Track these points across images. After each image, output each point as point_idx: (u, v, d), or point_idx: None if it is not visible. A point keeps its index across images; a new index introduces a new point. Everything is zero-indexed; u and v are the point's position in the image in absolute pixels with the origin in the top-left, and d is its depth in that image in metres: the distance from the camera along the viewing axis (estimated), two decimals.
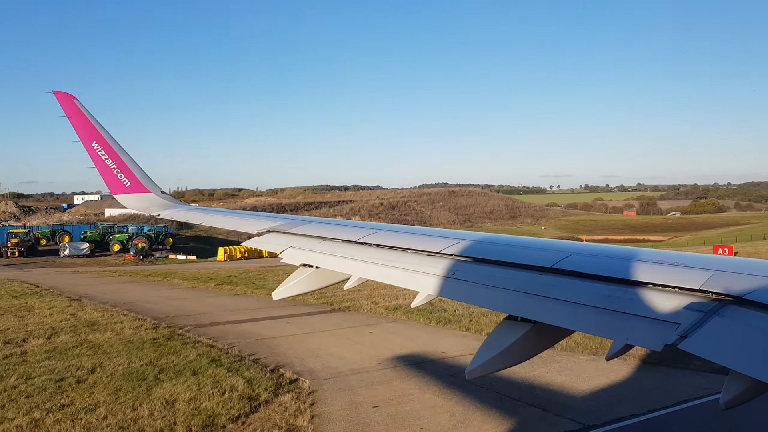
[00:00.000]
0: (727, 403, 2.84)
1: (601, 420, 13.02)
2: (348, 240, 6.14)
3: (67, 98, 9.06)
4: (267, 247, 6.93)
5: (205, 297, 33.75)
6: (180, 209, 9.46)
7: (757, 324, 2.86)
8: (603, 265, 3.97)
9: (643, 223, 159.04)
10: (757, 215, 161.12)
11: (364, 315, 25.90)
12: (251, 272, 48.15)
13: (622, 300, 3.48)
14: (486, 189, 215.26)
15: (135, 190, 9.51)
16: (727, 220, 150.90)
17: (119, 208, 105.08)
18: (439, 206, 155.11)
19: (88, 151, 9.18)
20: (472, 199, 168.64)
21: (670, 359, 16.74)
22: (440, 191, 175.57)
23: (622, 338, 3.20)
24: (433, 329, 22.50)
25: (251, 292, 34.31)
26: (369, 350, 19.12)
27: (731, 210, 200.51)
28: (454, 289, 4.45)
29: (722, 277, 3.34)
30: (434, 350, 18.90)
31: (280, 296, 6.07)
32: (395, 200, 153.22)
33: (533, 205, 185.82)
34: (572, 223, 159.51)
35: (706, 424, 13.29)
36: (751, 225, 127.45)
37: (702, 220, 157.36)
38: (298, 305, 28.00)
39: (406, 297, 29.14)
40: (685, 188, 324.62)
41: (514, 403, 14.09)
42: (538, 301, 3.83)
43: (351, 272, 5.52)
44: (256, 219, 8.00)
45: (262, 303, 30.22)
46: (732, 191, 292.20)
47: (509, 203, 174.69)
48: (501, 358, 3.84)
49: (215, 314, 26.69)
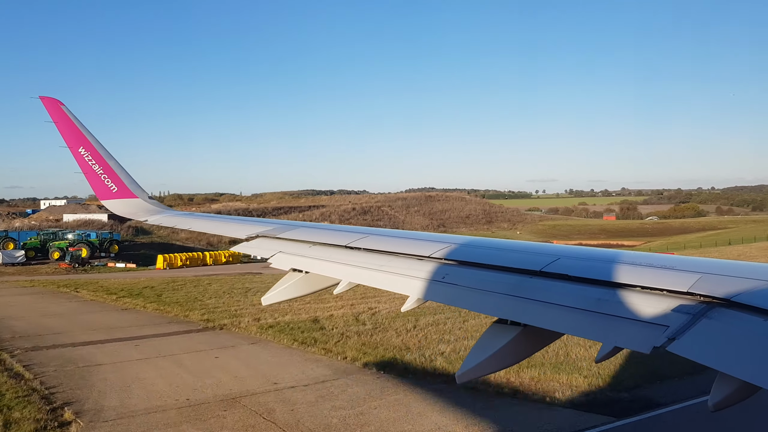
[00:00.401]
0: (715, 405, 2.85)
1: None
2: (337, 244, 6.13)
3: (54, 104, 9.00)
4: (256, 252, 6.91)
5: (89, 312, 31.20)
6: (167, 214, 9.41)
7: (745, 326, 2.88)
8: (592, 268, 3.98)
9: (620, 228, 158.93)
10: (734, 220, 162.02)
11: (231, 335, 24.26)
12: (175, 282, 45.00)
13: (610, 303, 3.49)
14: (464, 193, 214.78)
15: (122, 195, 9.46)
16: (704, 224, 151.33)
17: (80, 213, 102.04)
18: (413, 211, 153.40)
19: (75, 156, 9.12)
20: (448, 203, 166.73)
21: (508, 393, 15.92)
22: (417, 196, 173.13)
23: (611, 341, 3.21)
24: (290, 353, 20.97)
25: (143, 307, 31.85)
26: (191, 382, 17.29)
27: (711, 214, 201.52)
28: (444, 293, 4.45)
29: (710, 280, 3.36)
30: (265, 381, 17.29)
31: (269, 301, 6.05)
32: (369, 205, 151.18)
33: (510, 209, 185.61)
34: (548, 227, 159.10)
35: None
36: (728, 230, 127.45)
37: (679, 224, 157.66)
38: (172, 323, 26.93)
39: (328, 309, 28.64)
40: (668, 193, 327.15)
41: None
42: (527, 305, 3.84)
43: (340, 277, 5.51)
44: (246, 224, 7.97)
45: (142, 320, 28.19)
46: (714, 196, 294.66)
47: (486, 208, 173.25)
48: (491, 362, 3.84)
49: (73, 334, 24.64)
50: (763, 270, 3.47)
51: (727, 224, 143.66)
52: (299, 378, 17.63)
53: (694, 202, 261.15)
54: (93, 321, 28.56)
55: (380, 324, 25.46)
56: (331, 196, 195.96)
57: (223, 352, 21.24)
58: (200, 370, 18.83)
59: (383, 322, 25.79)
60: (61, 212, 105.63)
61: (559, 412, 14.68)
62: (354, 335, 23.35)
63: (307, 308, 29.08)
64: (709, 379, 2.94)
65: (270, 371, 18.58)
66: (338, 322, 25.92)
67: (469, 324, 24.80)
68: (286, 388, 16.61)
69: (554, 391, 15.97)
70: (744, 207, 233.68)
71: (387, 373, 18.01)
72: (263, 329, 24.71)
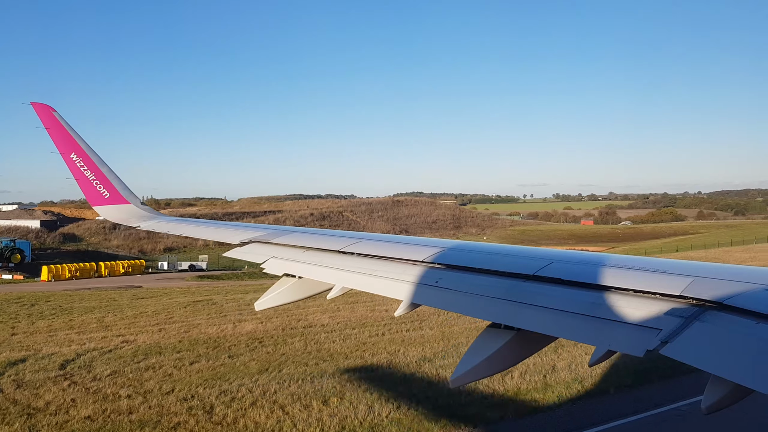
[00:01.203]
0: (708, 408, 2.85)
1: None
2: (331, 249, 6.11)
3: (46, 109, 8.96)
4: (249, 257, 6.88)
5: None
6: (160, 220, 9.37)
7: (737, 329, 2.88)
8: (585, 272, 3.98)
9: (591, 233, 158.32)
10: (705, 225, 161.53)
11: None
12: (21, 298, 41.42)
13: (603, 306, 3.49)
14: (451, 197, 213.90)
15: (114, 201, 9.41)
16: (675, 229, 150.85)
17: (3, 219, 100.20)
18: (376, 216, 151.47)
19: (66, 162, 9.07)
20: (416, 208, 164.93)
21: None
22: (383, 201, 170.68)
23: (605, 344, 3.21)
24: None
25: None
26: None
27: (690, 219, 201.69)
28: (437, 297, 4.44)
29: (703, 283, 3.37)
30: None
31: (262, 306, 6.02)
32: (329, 210, 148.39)
33: (482, 214, 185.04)
34: (517, 233, 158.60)
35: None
36: (698, 234, 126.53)
37: (650, 229, 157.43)
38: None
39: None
40: (654, 197, 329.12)
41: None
42: (521, 309, 3.83)
43: (334, 282, 5.49)
44: (238, 229, 7.94)
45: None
46: (699, 200, 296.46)
47: (457, 213, 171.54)
48: (485, 366, 3.83)
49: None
50: (755, 273, 3.48)
51: (699, 229, 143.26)
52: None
53: (679, 206, 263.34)
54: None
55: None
56: (294, 201, 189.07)
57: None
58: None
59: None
60: (6, 218, 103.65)
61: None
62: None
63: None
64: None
65: None
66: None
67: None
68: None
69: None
70: (727, 211, 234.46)
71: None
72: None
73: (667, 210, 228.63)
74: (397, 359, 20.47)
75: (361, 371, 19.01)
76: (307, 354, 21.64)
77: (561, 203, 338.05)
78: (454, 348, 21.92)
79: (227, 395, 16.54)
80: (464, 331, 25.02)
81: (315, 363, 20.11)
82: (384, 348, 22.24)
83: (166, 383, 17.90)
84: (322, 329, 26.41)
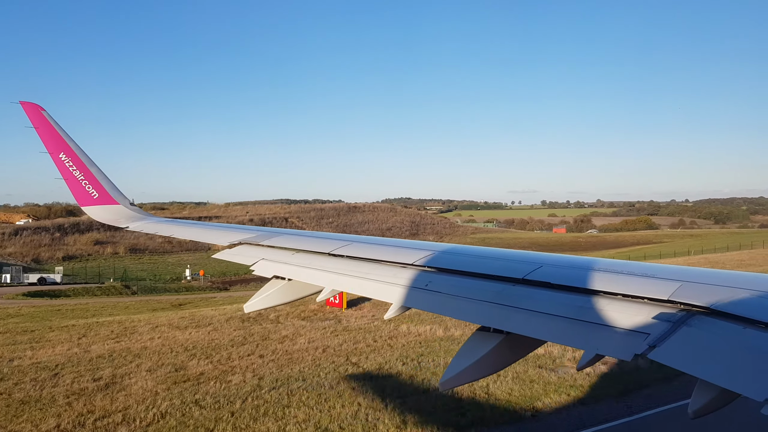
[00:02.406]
0: (695, 412, 2.87)
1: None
2: (321, 252, 6.10)
3: (35, 109, 8.90)
4: (238, 259, 6.84)
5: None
6: (149, 221, 9.32)
7: (724, 334, 2.90)
8: (574, 276, 4.00)
9: (552, 242, 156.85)
10: (669, 234, 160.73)
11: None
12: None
13: (592, 311, 3.50)
14: (438, 203, 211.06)
15: (103, 201, 9.35)
16: (639, 238, 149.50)
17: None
18: (325, 223, 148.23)
19: (55, 162, 9.01)
20: (373, 215, 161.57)
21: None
22: (337, 206, 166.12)
23: (593, 348, 3.22)
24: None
25: None
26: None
27: (664, 228, 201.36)
28: (427, 300, 4.44)
29: (690, 288, 3.39)
30: None
31: (251, 308, 5.99)
32: (273, 215, 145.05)
33: (444, 221, 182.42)
34: (477, 240, 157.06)
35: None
36: (661, 244, 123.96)
37: (614, 238, 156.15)
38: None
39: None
40: (640, 205, 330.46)
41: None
42: (510, 312, 3.84)
43: (323, 284, 5.48)
44: (228, 231, 7.91)
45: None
46: (682, 208, 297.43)
47: (417, 219, 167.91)
48: (474, 369, 3.83)
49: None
50: (742, 278, 3.51)
51: (662, 238, 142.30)
52: None
53: (662, 214, 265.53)
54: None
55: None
56: (228, 207, 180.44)
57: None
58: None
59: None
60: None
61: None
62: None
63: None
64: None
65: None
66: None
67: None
68: None
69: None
70: (709, 220, 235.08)
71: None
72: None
73: (641, 218, 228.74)
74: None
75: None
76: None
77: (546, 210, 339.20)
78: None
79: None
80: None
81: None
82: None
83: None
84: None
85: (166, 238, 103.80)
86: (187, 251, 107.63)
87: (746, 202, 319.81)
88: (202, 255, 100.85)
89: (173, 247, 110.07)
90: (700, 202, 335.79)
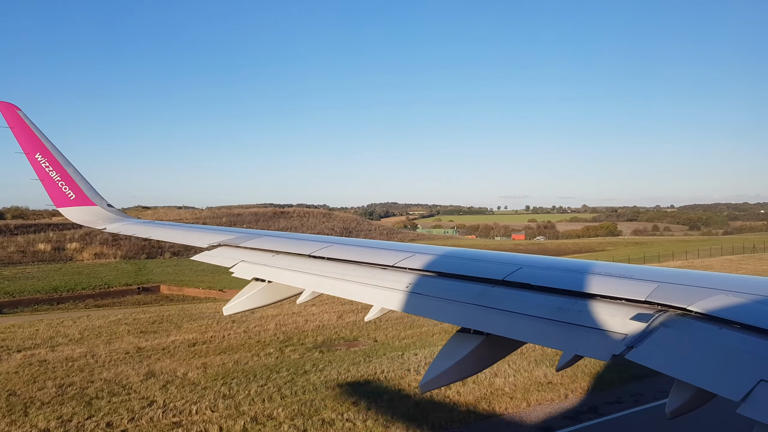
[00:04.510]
0: (672, 412, 2.89)
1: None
2: (301, 254, 6.07)
3: (10, 108, 8.76)
4: (217, 261, 6.78)
5: None
6: (127, 222, 9.20)
7: (700, 334, 2.93)
8: (553, 277, 4.02)
9: (495, 248, 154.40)
10: (614, 241, 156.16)
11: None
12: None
13: (571, 312, 3.52)
14: (418, 207, 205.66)
15: (80, 203, 9.22)
16: (581, 246, 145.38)
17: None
18: (244, 228, 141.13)
19: (31, 162, 8.87)
20: (300, 220, 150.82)
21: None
22: (262, 211, 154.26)
23: (572, 349, 3.24)
24: None
25: None
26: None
27: (625, 234, 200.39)
28: (407, 302, 4.44)
29: (667, 289, 3.43)
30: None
31: (231, 311, 5.93)
32: (181, 221, 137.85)
33: (385, 227, 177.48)
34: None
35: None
36: (603, 252, 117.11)
37: (555, 246, 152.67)
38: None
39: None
40: (623, 210, 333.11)
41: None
42: (489, 314, 3.84)
43: (304, 286, 5.45)
44: (207, 232, 7.83)
45: None
46: (662, 214, 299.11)
47: (352, 225, 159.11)
48: (454, 371, 3.83)
49: None
50: (719, 279, 3.55)
51: (605, 246, 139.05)
52: None
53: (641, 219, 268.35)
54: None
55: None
56: (189, 210, 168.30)
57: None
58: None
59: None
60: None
61: None
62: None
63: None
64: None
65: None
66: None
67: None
68: None
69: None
70: (682, 225, 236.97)
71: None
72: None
73: (604, 224, 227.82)
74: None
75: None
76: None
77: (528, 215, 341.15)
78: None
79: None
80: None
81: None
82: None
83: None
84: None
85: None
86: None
87: (729, 208, 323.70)
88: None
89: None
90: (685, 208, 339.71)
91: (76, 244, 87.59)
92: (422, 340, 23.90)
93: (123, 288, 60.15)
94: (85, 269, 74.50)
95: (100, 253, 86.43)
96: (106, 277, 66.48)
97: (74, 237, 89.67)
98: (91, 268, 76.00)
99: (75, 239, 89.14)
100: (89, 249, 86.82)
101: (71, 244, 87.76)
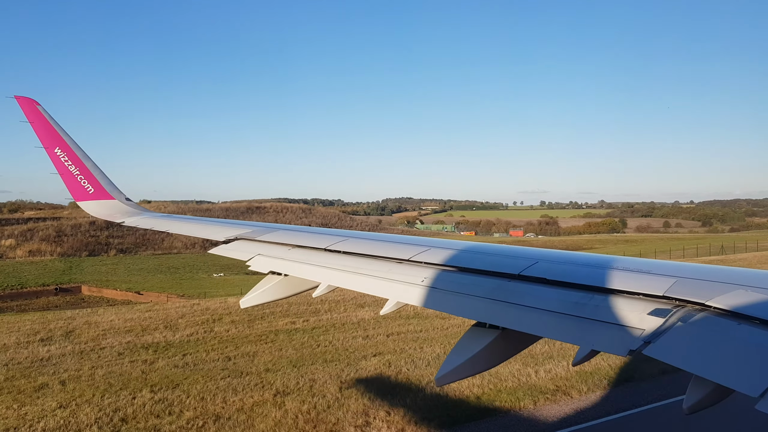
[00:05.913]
0: (690, 408, 2.87)
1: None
2: (317, 247, 6.09)
3: (30, 103, 8.86)
4: (234, 254, 6.83)
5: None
6: (145, 216, 9.29)
7: (719, 330, 2.91)
8: (569, 272, 4.00)
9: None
10: (603, 239, 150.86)
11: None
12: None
13: (587, 306, 3.50)
14: (415, 204, 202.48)
15: (99, 197, 9.32)
16: (569, 243, 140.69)
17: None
18: (261, 221, 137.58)
19: (50, 157, 8.97)
20: (276, 216, 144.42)
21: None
22: (235, 206, 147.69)
23: (588, 344, 3.22)
24: None
25: None
26: None
27: (627, 231, 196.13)
28: (422, 296, 4.44)
29: (685, 284, 3.40)
30: None
31: (247, 304, 5.97)
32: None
33: (369, 222, 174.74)
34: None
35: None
36: (592, 249, 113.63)
37: (541, 242, 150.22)
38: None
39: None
40: (639, 206, 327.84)
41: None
42: (505, 308, 3.84)
43: (320, 280, 5.47)
44: (224, 226, 7.89)
45: None
46: (677, 210, 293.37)
47: (333, 222, 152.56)
48: (469, 365, 3.84)
49: None
50: (738, 274, 3.52)
51: (594, 244, 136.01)
52: None
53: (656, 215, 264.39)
54: None
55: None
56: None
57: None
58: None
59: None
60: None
61: None
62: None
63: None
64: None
65: None
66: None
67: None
68: None
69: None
70: (696, 222, 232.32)
71: None
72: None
73: (606, 221, 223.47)
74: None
75: None
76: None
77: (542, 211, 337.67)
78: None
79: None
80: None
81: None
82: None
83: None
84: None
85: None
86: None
87: (749, 204, 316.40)
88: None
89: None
90: (704, 204, 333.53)
91: (11, 241, 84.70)
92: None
93: (39, 288, 56.31)
94: (9, 267, 70.59)
95: (36, 250, 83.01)
96: (27, 276, 62.70)
97: (13, 233, 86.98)
98: (17, 266, 72.21)
99: (14, 236, 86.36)
100: (25, 246, 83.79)
101: (6, 241, 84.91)
